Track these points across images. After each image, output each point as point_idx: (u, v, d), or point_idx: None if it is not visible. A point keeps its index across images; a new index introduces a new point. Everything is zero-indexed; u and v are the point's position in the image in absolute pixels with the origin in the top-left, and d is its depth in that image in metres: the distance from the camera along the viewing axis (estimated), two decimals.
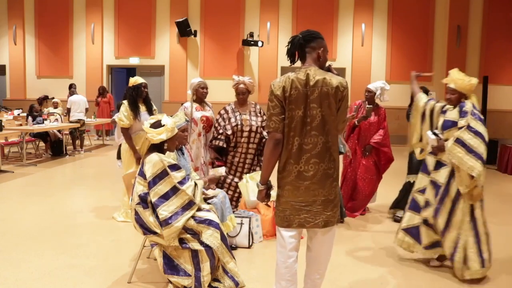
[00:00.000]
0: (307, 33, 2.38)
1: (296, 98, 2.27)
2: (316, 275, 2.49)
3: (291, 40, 2.40)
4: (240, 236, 3.80)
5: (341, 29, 12.59)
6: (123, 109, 4.50)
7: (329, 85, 2.28)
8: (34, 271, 3.26)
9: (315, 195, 2.32)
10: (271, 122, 2.31)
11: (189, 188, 2.95)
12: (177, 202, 2.89)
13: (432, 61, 12.52)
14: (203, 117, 4.47)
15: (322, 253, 2.46)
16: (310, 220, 2.33)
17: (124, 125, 4.46)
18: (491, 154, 9.17)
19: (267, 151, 2.34)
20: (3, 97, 13.78)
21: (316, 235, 2.43)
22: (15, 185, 6.33)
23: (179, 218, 2.85)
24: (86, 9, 13.10)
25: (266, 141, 2.36)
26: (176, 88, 12.90)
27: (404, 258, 3.73)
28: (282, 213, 2.37)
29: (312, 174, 2.30)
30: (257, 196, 2.46)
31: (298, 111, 2.28)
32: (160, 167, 2.91)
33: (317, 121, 2.28)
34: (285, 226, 2.37)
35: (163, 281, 3.06)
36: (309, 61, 2.37)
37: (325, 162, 2.32)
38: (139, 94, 4.55)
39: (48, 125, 8.64)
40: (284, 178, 2.35)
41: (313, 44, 2.36)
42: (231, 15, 12.68)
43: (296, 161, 2.30)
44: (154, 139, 3.00)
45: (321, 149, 2.30)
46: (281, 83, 2.30)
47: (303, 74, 2.30)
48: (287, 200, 2.35)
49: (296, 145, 2.29)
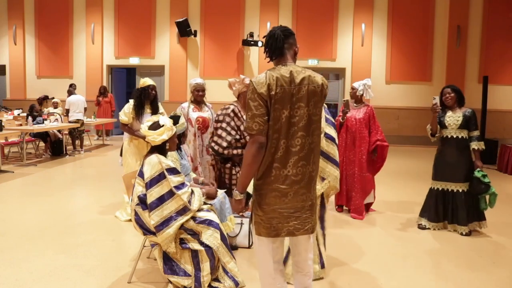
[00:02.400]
0: (284, 28, 2.25)
1: (282, 97, 2.10)
2: (306, 278, 2.40)
3: (271, 35, 2.23)
4: (240, 236, 3.81)
5: (341, 29, 12.59)
6: (126, 106, 4.60)
7: (315, 82, 2.17)
8: (34, 271, 3.26)
9: (303, 200, 2.20)
10: (254, 123, 2.09)
11: (185, 194, 2.91)
12: (171, 207, 2.86)
13: (432, 61, 12.52)
14: (199, 118, 4.49)
15: (307, 257, 2.36)
16: (299, 227, 2.20)
17: (123, 120, 4.56)
18: (491, 154, 9.22)
19: (248, 156, 2.11)
20: (3, 97, 13.79)
21: (300, 242, 2.31)
22: (15, 185, 6.34)
23: (172, 224, 2.83)
24: (86, 9, 13.11)
25: (248, 145, 2.13)
26: (176, 88, 12.91)
27: (405, 257, 3.73)
28: (268, 223, 2.18)
29: (301, 178, 2.17)
30: (233, 206, 2.23)
31: (284, 111, 2.11)
32: (158, 169, 2.90)
33: (304, 121, 2.14)
34: (273, 236, 2.20)
35: (163, 281, 3.06)
36: (288, 58, 2.22)
37: (310, 164, 2.20)
38: (147, 96, 4.60)
39: (48, 125, 8.64)
40: (269, 184, 2.16)
41: (290, 40, 2.23)
42: (231, 15, 12.69)
43: (283, 165, 2.14)
44: (156, 141, 2.98)
45: (307, 151, 2.17)
46: (265, 80, 2.11)
47: (287, 71, 2.14)
48: (274, 208, 2.17)
49: (283, 148, 2.13)
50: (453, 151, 4.33)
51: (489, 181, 4.20)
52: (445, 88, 4.43)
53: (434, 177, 4.51)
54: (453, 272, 3.44)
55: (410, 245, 4.07)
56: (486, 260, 3.74)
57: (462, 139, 4.31)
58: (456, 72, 12.27)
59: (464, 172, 4.30)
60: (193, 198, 2.97)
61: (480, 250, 3.99)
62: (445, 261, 3.67)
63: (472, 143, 4.27)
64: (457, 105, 4.39)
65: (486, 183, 4.18)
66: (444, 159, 4.40)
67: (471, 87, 12.30)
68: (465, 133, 4.31)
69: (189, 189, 2.99)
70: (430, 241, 4.18)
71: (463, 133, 4.31)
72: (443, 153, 4.42)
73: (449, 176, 4.36)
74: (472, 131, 4.30)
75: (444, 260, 3.69)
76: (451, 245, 4.07)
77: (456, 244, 4.12)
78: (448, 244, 4.11)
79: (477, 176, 4.20)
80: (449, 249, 3.98)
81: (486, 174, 4.23)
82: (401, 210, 5.27)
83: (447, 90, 4.40)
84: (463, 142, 4.31)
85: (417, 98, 12.41)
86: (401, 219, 4.89)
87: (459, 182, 4.33)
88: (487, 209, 4.33)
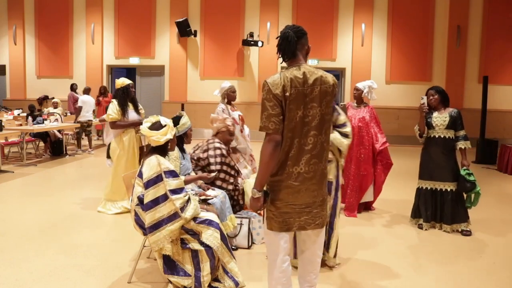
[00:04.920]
0: (297, 29, 2.28)
1: (296, 98, 2.18)
2: (312, 275, 2.46)
3: (284, 37, 2.26)
4: (240, 236, 3.80)
5: (341, 29, 12.59)
6: (112, 106, 4.86)
7: (327, 83, 2.23)
8: (34, 271, 3.26)
9: (315, 196, 2.28)
10: (270, 123, 2.16)
11: (179, 200, 2.86)
12: (164, 210, 2.83)
13: (432, 61, 12.52)
14: (240, 115, 5.22)
15: (316, 253, 2.44)
16: (310, 221, 2.29)
17: (113, 118, 4.80)
18: (491, 154, 9.21)
19: (265, 154, 2.17)
20: (3, 97, 13.79)
21: (309, 237, 2.39)
22: (15, 185, 6.33)
23: (163, 228, 2.80)
24: (86, 9, 13.12)
25: (264, 144, 2.20)
26: (176, 88, 12.91)
27: (405, 257, 3.73)
28: (281, 217, 2.27)
29: (312, 175, 2.25)
30: (251, 204, 2.26)
31: (298, 111, 2.18)
32: (156, 171, 2.88)
33: (317, 120, 2.21)
34: (285, 230, 2.29)
35: (163, 281, 3.06)
36: (300, 58, 2.28)
37: (323, 162, 2.29)
38: (128, 94, 4.94)
39: (48, 125, 8.64)
40: (282, 181, 2.24)
41: (303, 40, 2.28)
42: (231, 15, 12.69)
43: (295, 163, 2.22)
44: (160, 141, 2.97)
45: (320, 149, 2.25)
46: (280, 81, 2.18)
47: (300, 73, 2.20)
48: (287, 204, 2.25)
49: (297, 146, 2.21)
50: (440, 151, 4.40)
51: (474, 179, 4.27)
52: (430, 90, 4.48)
53: (421, 177, 4.57)
54: (453, 272, 3.44)
55: (410, 244, 4.07)
56: (486, 260, 3.74)
57: (449, 139, 4.37)
58: (456, 72, 12.28)
59: (451, 171, 4.37)
60: (188, 206, 2.90)
61: (480, 250, 3.99)
62: (445, 261, 3.66)
63: (459, 142, 4.34)
64: (441, 106, 4.42)
65: (471, 182, 4.25)
66: (431, 159, 4.46)
67: (471, 87, 12.31)
68: (451, 133, 4.37)
69: (186, 197, 2.93)
70: (430, 241, 4.18)
71: (449, 133, 4.37)
72: (430, 153, 4.48)
73: (437, 175, 4.43)
74: (458, 130, 4.36)
75: (444, 260, 3.69)
76: (451, 245, 4.07)
77: (456, 244, 4.12)
78: (448, 244, 4.11)
79: (462, 174, 4.29)
80: (449, 249, 3.98)
81: (471, 172, 4.30)
82: (401, 209, 5.26)
83: (431, 92, 4.45)
84: (449, 142, 4.37)
85: (417, 98, 12.24)
86: (401, 219, 4.89)
87: (447, 181, 4.38)
88: (471, 207, 4.38)
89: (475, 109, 11.10)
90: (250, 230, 3.84)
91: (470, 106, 11.99)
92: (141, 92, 13.30)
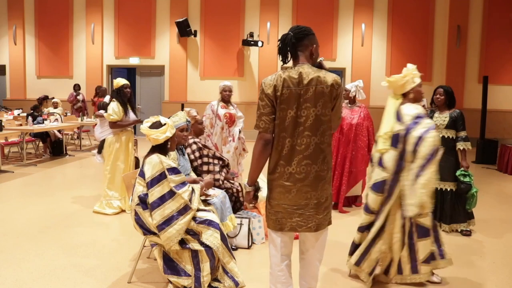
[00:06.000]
0: (298, 30, 2.28)
1: (288, 98, 2.19)
2: (310, 278, 2.46)
3: (282, 39, 2.30)
4: (240, 236, 3.80)
5: (341, 29, 12.59)
6: (113, 105, 4.87)
7: (324, 83, 2.19)
8: (34, 271, 3.26)
9: (307, 198, 2.26)
10: (260, 122, 2.24)
11: (186, 193, 2.92)
12: (173, 206, 2.87)
13: (432, 61, 12.52)
14: (227, 114, 5.20)
15: (315, 256, 2.42)
16: (302, 224, 2.27)
17: (115, 119, 4.85)
18: (491, 154, 9.21)
19: (256, 151, 2.26)
20: (3, 97, 13.79)
21: (308, 239, 2.39)
22: (15, 185, 6.34)
23: (174, 223, 2.83)
24: (86, 9, 13.11)
25: (256, 142, 2.28)
26: (176, 88, 12.91)
27: None
28: (274, 216, 2.31)
29: (304, 176, 2.23)
30: (244, 197, 2.40)
31: (290, 111, 2.19)
32: (159, 169, 2.91)
33: (311, 121, 2.20)
34: (278, 230, 2.32)
35: (163, 281, 3.06)
36: (302, 59, 2.28)
37: (318, 164, 2.24)
38: (125, 94, 4.99)
39: (48, 125, 8.64)
40: (275, 180, 2.28)
41: (305, 42, 2.27)
42: (231, 15, 12.68)
43: (287, 162, 2.23)
44: (160, 139, 2.99)
45: (313, 150, 2.22)
46: (272, 81, 2.22)
47: (296, 73, 2.21)
48: (279, 203, 2.29)
49: (288, 146, 2.21)
50: None
51: (469, 180, 4.23)
52: (438, 88, 4.45)
53: None
54: (453, 272, 3.44)
55: None
56: (486, 260, 3.74)
57: (449, 139, 4.35)
58: (456, 72, 12.27)
59: (451, 171, 4.35)
60: (194, 197, 2.98)
61: (480, 250, 3.99)
62: None
63: (458, 143, 4.33)
64: (445, 107, 4.40)
65: (466, 183, 4.21)
66: None
67: (471, 87, 12.30)
68: (452, 133, 4.36)
69: (190, 188, 3.00)
70: None
71: (449, 133, 4.35)
72: None
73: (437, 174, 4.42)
74: (459, 131, 4.34)
75: None
76: (451, 245, 4.06)
77: (457, 244, 4.12)
78: (448, 244, 4.10)
79: (457, 175, 4.27)
80: (449, 249, 3.97)
81: (468, 174, 4.26)
82: None
83: (439, 91, 4.42)
84: (450, 142, 4.35)
85: None
86: None
87: (446, 181, 4.37)
88: (470, 209, 4.35)
89: (475, 109, 11.10)
90: (250, 230, 3.84)
91: (470, 106, 11.98)
92: (141, 92, 13.30)
